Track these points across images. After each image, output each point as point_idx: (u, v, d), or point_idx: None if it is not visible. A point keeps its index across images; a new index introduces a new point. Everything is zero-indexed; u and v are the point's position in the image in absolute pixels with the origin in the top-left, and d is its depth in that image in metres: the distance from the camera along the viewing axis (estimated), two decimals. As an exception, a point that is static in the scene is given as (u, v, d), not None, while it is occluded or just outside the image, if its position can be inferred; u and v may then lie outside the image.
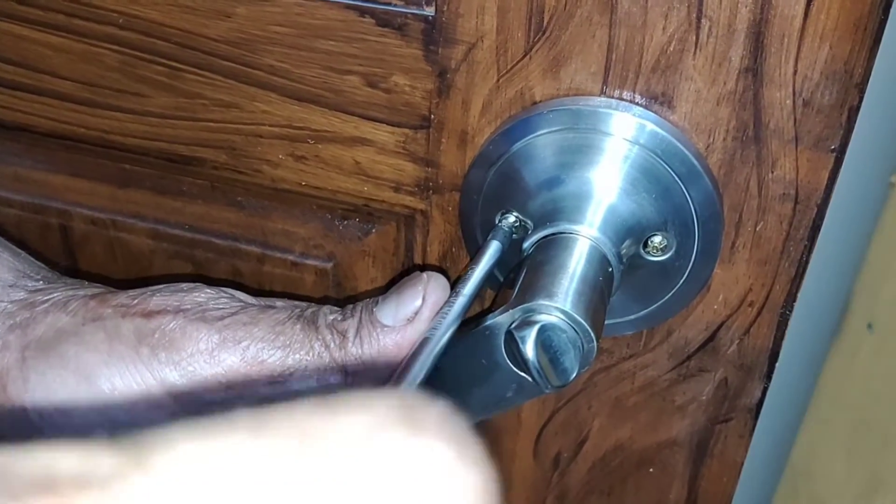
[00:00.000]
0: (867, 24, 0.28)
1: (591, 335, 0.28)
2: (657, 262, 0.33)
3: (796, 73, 0.29)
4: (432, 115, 0.33)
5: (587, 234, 0.31)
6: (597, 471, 0.41)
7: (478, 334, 0.30)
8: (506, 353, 0.30)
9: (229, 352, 0.29)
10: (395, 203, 0.36)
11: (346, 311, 0.31)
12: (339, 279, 0.39)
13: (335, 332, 0.30)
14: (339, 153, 0.36)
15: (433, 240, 0.37)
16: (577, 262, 0.30)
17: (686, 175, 0.31)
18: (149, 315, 0.30)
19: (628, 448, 0.40)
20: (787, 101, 0.30)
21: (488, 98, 0.32)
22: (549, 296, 0.29)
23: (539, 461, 0.41)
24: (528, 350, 0.28)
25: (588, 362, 0.29)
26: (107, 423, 0.29)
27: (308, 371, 0.30)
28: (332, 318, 0.31)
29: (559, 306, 0.28)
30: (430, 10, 0.31)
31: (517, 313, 0.29)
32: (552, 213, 0.32)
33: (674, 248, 0.32)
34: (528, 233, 0.33)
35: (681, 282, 0.33)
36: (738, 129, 0.31)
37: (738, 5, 0.28)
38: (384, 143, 0.35)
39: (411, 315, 0.30)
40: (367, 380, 0.30)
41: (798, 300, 0.34)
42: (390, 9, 0.32)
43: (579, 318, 0.28)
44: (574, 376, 0.29)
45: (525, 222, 0.33)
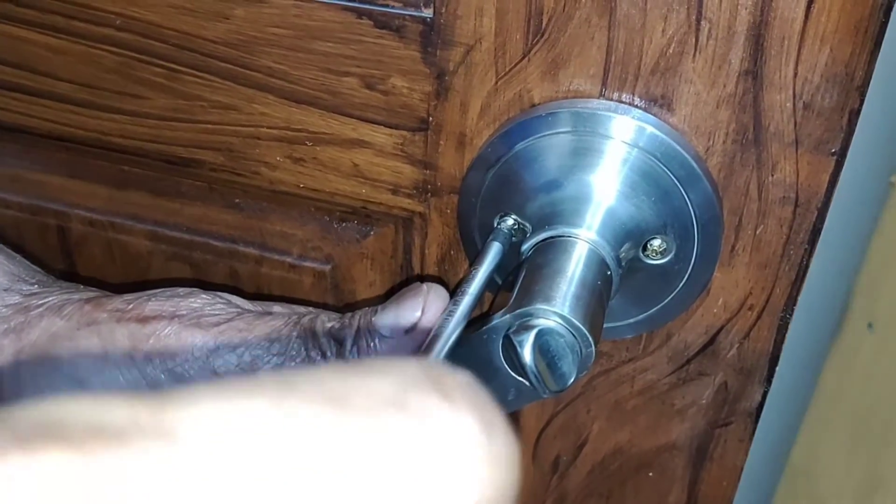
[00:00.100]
0: (868, 27, 0.27)
1: (590, 340, 0.28)
2: (656, 265, 0.32)
3: (797, 75, 0.29)
4: (430, 118, 0.33)
5: (586, 238, 0.31)
6: (596, 474, 0.41)
7: (475, 338, 0.30)
8: (503, 358, 0.30)
9: (224, 358, 0.29)
10: (394, 205, 0.36)
11: (344, 319, 0.31)
12: (337, 281, 0.39)
13: (332, 341, 0.30)
14: (337, 155, 0.36)
15: (431, 242, 0.37)
16: (575, 265, 0.30)
17: (685, 178, 0.31)
18: (144, 320, 0.30)
19: (627, 452, 0.40)
20: (788, 104, 0.29)
21: (487, 100, 0.32)
22: (547, 300, 0.29)
23: (538, 465, 0.41)
24: (526, 355, 0.28)
25: (586, 367, 0.29)
26: None
27: None
28: (329, 325, 0.31)
29: (557, 311, 0.28)
30: (428, 12, 0.31)
31: (515, 317, 0.29)
32: (551, 216, 0.32)
33: (673, 252, 0.32)
34: (527, 236, 0.32)
35: (680, 285, 0.33)
36: (737, 131, 0.30)
37: (738, 7, 0.28)
38: (382, 145, 0.35)
39: (410, 326, 0.30)
40: None
41: (798, 302, 0.34)
42: (388, 10, 0.31)
43: (577, 323, 0.28)
44: (572, 381, 0.29)
45: (523, 225, 0.33)
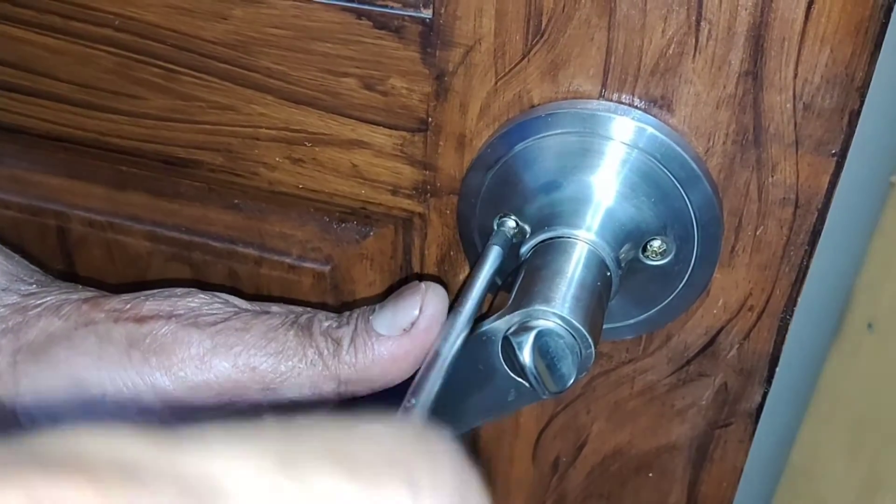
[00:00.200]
0: (868, 28, 0.27)
1: (589, 341, 0.28)
2: (656, 266, 0.32)
3: (797, 76, 0.29)
4: (430, 118, 0.33)
5: (585, 239, 0.31)
6: (596, 475, 0.41)
7: (475, 340, 0.30)
8: (503, 359, 0.30)
9: (221, 358, 0.29)
10: (393, 206, 0.36)
11: (341, 318, 0.31)
12: (336, 282, 0.39)
13: (329, 340, 0.30)
14: (337, 156, 0.36)
15: (431, 243, 0.37)
16: (575, 266, 0.30)
17: (685, 179, 0.31)
18: (141, 320, 0.29)
19: (627, 453, 0.39)
20: (788, 105, 0.29)
21: (486, 101, 0.32)
22: (547, 301, 0.28)
23: (538, 466, 0.41)
24: (525, 356, 0.28)
25: (586, 368, 0.29)
26: None
27: (301, 378, 0.29)
28: (326, 324, 0.30)
29: (557, 312, 0.28)
30: (427, 13, 0.31)
31: (514, 318, 0.29)
32: (550, 216, 0.32)
33: (673, 253, 0.32)
34: (526, 237, 0.32)
35: (680, 286, 0.33)
36: (737, 132, 0.30)
37: (738, 8, 0.28)
38: (381, 145, 0.35)
39: (408, 325, 0.30)
40: (361, 388, 0.30)
41: (798, 302, 0.34)
42: (387, 11, 0.31)
43: (577, 324, 0.28)
44: (571, 382, 0.29)
45: (523, 226, 0.33)
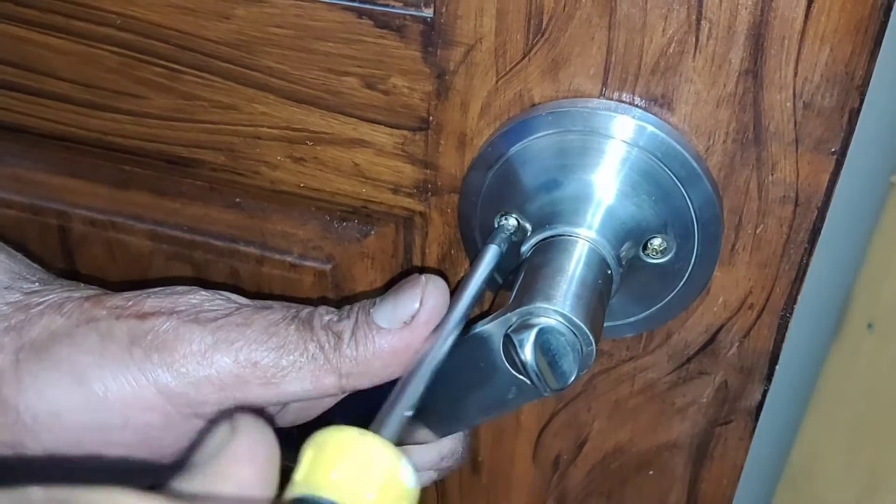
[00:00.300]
0: (868, 27, 0.27)
1: (590, 338, 0.28)
2: (657, 264, 0.32)
3: (797, 75, 0.29)
4: (431, 117, 0.33)
5: (586, 237, 0.31)
6: (596, 473, 0.41)
7: (476, 337, 0.30)
8: (504, 357, 0.30)
9: (222, 353, 0.29)
10: (394, 205, 0.36)
11: (342, 312, 0.31)
12: (337, 281, 0.39)
13: (330, 334, 0.30)
14: (338, 155, 0.36)
15: (432, 241, 0.37)
16: (575, 264, 0.30)
17: (686, 177, 0.31)
18: (143, 317, 0.30)
19: (628, 450, 0.40)
20: (788, 104, 0.29)
21: (487, 100, 0.32)
22: (548, 299, 0.29)
23: (538, 463, 0.41)
24: (527, 353, 0.28)
25: (587, 365, 0.29)
26: (99, 425, 0.29)
27: (302, 372, 0.30)
28: (327, 319, 0.31)
29: (558, 309, 0.28)
30: (428, 12, 0.31)
31: (515, 316, 0.29)
32: (551, 215, 0.32)
33: (673, 251, 0.32)
34: (527, 235, 0.33)
35: (680, 284, 0.33)
36: (738, 131, 0.30)
37: (738, 7, 0.28)
38: (383, 144, 0.35)
39: (408, 318, 0.30)
40: (362, 382, 0.30)
41: (798, 301, 0.34)
42: (389, 10, 0.31)
43: (578, 322, 0.28)
44: (573, 380, 0.29)
45: (524, 224, 0.33)
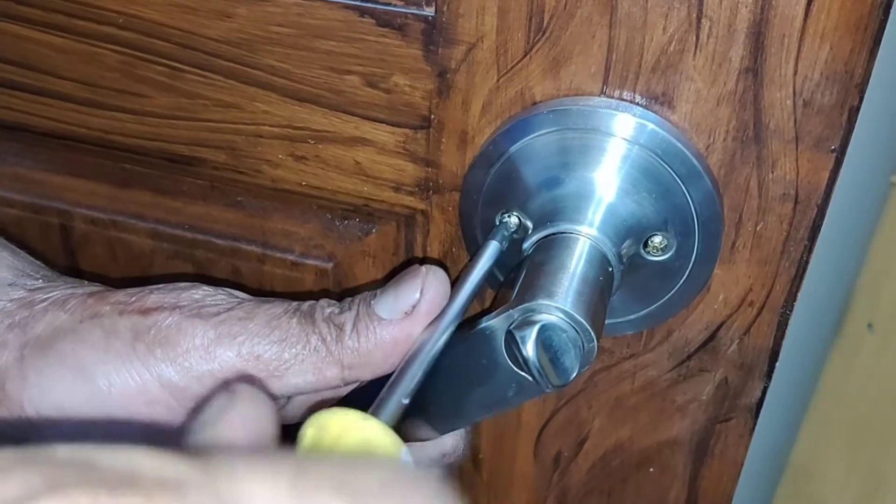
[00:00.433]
0: (867, 25, 0.28)
1: (592, 335, 0.28)
2: (657, 262, 0.33)
3: (796, 73, 0.29)
4: (432, 116, 0.33)
5: (587, 234, 0.31)
6: (597, 470, 0.41)
7: (478, 334, 0.30)
8: (506, 353, 0.30)
9: (225, 347, 0.29)
10: (396, 203, 0.36)
11: (343, 304, 0.31)
12: (339, 279, 0.39)
13: (332, 326, 0.30)
14: (340, 153, 0.36)
15: (433, 240, 0.37)
16: (577, 261, 0.30)
17: (686, 175, 0.31)
18: (146, 312, 0.30)
19: (628, 448, 0.40)
20: (788, 102, 0.30)
21: (488, 98, 0.32)
22: (550, 295, 0.29)
23: (539, 461, 0.41)
24: (529, 349, 0.28)
25: (588, 362, 0.29)
26: (104, 420, 0.29)
27: (305, 365, 0.30)
28: (329, 311, 0.31)
29: (559, 306, 0.28)
30: (430, 11, 0.31)
31: (517, 313, 0.29)
32: (552, 213, 0.32)
33: (674, 248, 0.32)
34: (529, 233, 0.33)
35: (681, 282, 0.33)
36: (738, 129, 0.31)
37: (739, 5, 0.28)
38: (384, 143, 0.35)
39: (409, 308, 0.30)
40: (364, 373, 0.30)
41: (798, 300, 0.34)
42: (390, 9, 0.32)
43: (580, 318, 0.28)
44: (574, 376, 0.29)
45: (525, 222, 0.33)
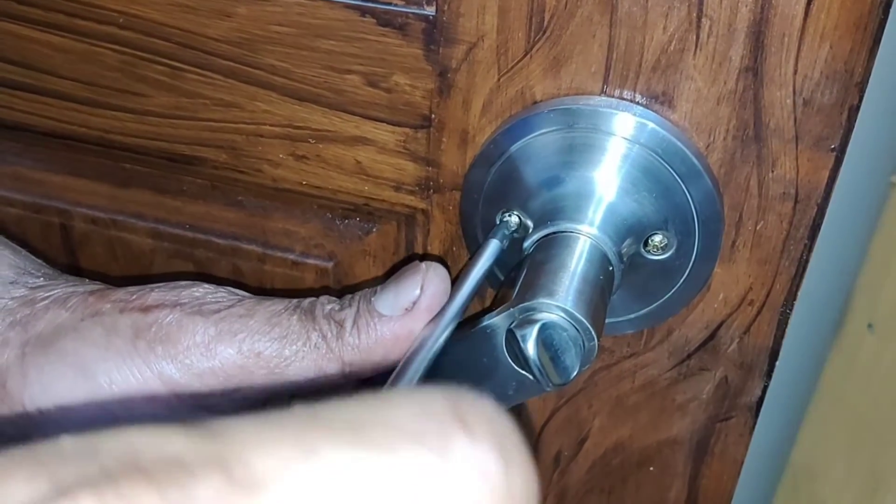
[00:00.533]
0: (867, 24, 0.28)
1: (592, 333, 0.28)
2: (658, 261, 0.33)
3: (796, 72, 0.29)
4: (433, 115, 0.33)
5: (588, 233, 0.31)
6: (597, 469, 0.41)
7: (479, 333, 0.30)
8: (507, 352, 0.30)
9: (225, 344, 0.29)
10: (396, 202, 0.36)
11: (343, 300, 0.31)
12: (339, 278, 0.39)
13: (332, 322, 0.30)
14: (340, 153, 0.36)
15: (434, 239, 0.37)
16: (577, 260, 0.30)
17: (686, 174, 0.31)
18: (146, 310, 0.30)
19: (629, 447, 0.40)
20: (788, 101, 0.30)
21: (489, 97, 0.32)
22: (550, 294, 0.29)
23: (539, 460, 0.41)
24: (530, 348, 0.28)
25: (589, 360, 0.29)
26: (105, 418, 0.29)
27: (305, 362, 0.30)
28: (329, 308, 0.31)
29: (560, 305, 0.28)
30: (430, 10, 0.31)
31: (518, 312, 0.29)
32: (553, 212, 0.32)
33: (674, 248, 0.32)
34: (529, 232, 0.33)
35: (681, 281, 0.33)
36: (738, 128, 0.31)
37: (739, 5, 0.28)
38: (385, 142, 0.35)
39: (409, 305, 0.30)
40: (365, 370, 0.30)
41: (798, 299, 0.34)
42: (391, 8, 0.32)
43: (580, 317, 0.28)
44: (575, 374, 0.29)
45: (525, 221, 0.33)
